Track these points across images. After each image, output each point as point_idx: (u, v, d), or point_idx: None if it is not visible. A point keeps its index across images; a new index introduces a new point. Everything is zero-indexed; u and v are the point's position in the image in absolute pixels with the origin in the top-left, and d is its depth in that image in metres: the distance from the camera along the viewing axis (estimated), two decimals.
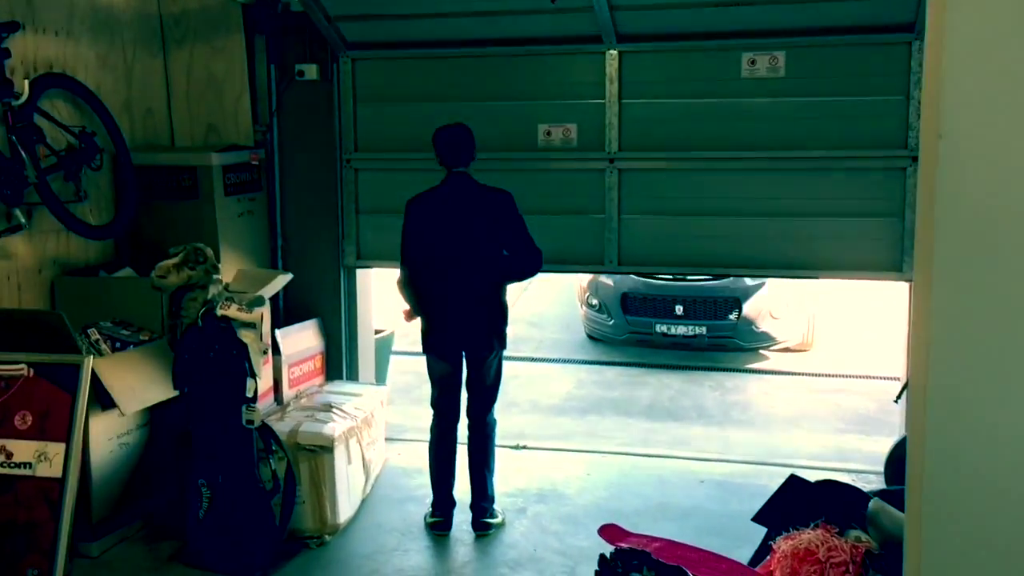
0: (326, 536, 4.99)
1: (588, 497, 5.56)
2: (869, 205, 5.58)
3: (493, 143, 5.83)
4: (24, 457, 4.46)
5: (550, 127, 5.91)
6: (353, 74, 6.11)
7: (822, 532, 3.69)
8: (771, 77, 5.55)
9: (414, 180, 5.57)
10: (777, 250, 5.73)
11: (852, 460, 6.16)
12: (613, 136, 5.81)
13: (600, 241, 5.94)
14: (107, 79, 5.73)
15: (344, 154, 6.20)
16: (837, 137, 5.55)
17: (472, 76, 6.00)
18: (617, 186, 5.86)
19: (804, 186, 5.64)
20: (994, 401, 1.72)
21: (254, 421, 4.66)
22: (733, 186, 5.73)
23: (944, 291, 1.68)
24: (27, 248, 5.19)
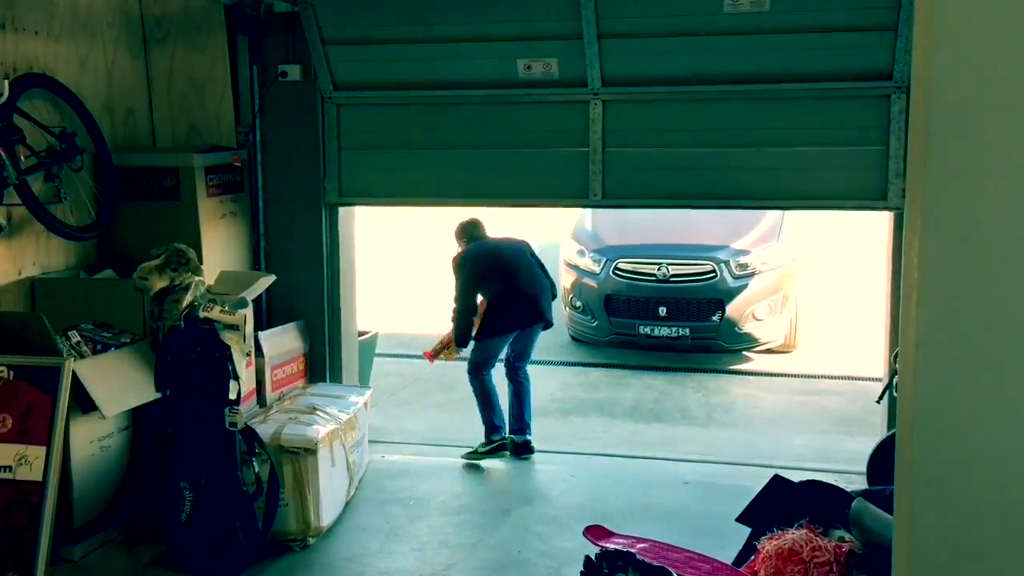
0: (310, 538, 4.97)
1: (572, 499, 5.56)
2: (853, 135, 5.56)
3: (471, 80, 5.86)
4: (4, 461, 4.42)
5: (530, 61, 5.81)
6: (316, 19, 5.92)
7: (806, 532, 3.70)
8: (755, 12, 5.45)
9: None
10: (762, 181, 5.71)
11: (835, 460, 6.19)
12: (595, 74, 5.72)
13: (585, 174, 5.88)
14: (88, 79, 5.69)
15: (324, 93, 6.09)
16: (821, 68, 5.51)
17: (443, 17, 5.85)
18: (601, 119, 5.80)
19: (788, 117, 5.62)
20: (982, 399, 1.73)
21: (237, 423, 4.63)
22: (717, 118, 5.69)
23: (932, 289, 1.69)
24: (6, 250, 5.14)
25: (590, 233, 9.36)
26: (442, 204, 6.55)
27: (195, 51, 6.12)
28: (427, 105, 6.04)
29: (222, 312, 4.68)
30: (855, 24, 5.40)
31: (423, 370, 8.67)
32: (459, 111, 6.01)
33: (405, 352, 9.20)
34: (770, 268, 8.82)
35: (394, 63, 6.00)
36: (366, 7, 5.92)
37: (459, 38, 5.86)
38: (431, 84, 5.98)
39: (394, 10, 5.88)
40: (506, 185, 6.04)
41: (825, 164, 5.61)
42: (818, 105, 5.58)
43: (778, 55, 5.53)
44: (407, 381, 8.33)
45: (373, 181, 6.20)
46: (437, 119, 6.05)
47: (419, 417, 7.38)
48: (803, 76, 5.53)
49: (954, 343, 1.73)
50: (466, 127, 6.02)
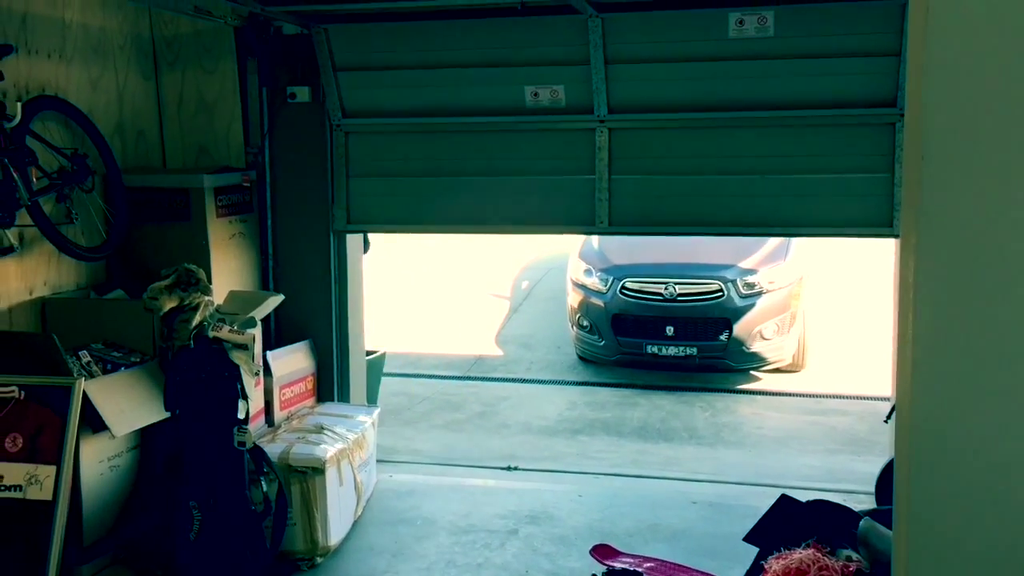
0: (317, 558, 4.98)
1: (580, 518, 5.56)
2: (859, 161, 5.57)
3: (479, 106, 5.90)
4: (15, 480, 4.44)
5: (537, 89, 5.85)
6: (329, 45, 5.99)
7: (813, 552, 3.70)
8: (760, 37, 5.49)
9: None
10: (768, 208, 5.72)
11: (843, 480, 6.17)
12: (602, 100, 5.77)
13: (591, 202, 5.91)
14: (99, 101, 5.75)
15: (332, 120, 6.16)
16: (826, 95, 5.53)
17: (452, 44, 5.91)
18: (607, 146, 5.84)
19: (794, 144, 5.63)
20: (978, 420, 1.74)
21: (246, 443, 4.65)
22: (723, 145, 5.71)
23: (927, 311, 1.71)
24: (18, 270, 5.18)
25: (597, 252, 9.38)
26: (450, 231, 6.59)
27: (205, 73, 6.19)
28: (434, 133, 6.09)
29: (231, 332, 4.70)
30: (859, 50, 5.43)
31: (430, 390, 8.70)
32: (467, 138, 6.04)
33: (413, 372, 9.23)
34: (777, 287, 8.83)
35: (403, 89, 6.05)
36: (377, 33, 5.98)
37: (468, 63, 5.92)
38: (439, 111, 6.03)
39: (404, 36, 5.94)
40: (513, 212, 6.07)
41: (831, 191, 5.62)
42: (824, 132, 5.60)
43: (783, 81, 5.56)
44: (414, 401, 8.35)
45: (381, 208, 6.23)
46: (445, 146, 6.09)
47: (426, 436, 7.39)
48: (808, 103, 5.56)
49: (950, 363, 1.75)
50: (474, 154, 6.05)
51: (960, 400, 1.76)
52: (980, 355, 1.75)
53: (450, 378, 9.17)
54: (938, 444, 1.76)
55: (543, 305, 11.84)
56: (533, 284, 12.87)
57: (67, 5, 5.45)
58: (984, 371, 1.75)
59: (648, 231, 6.30)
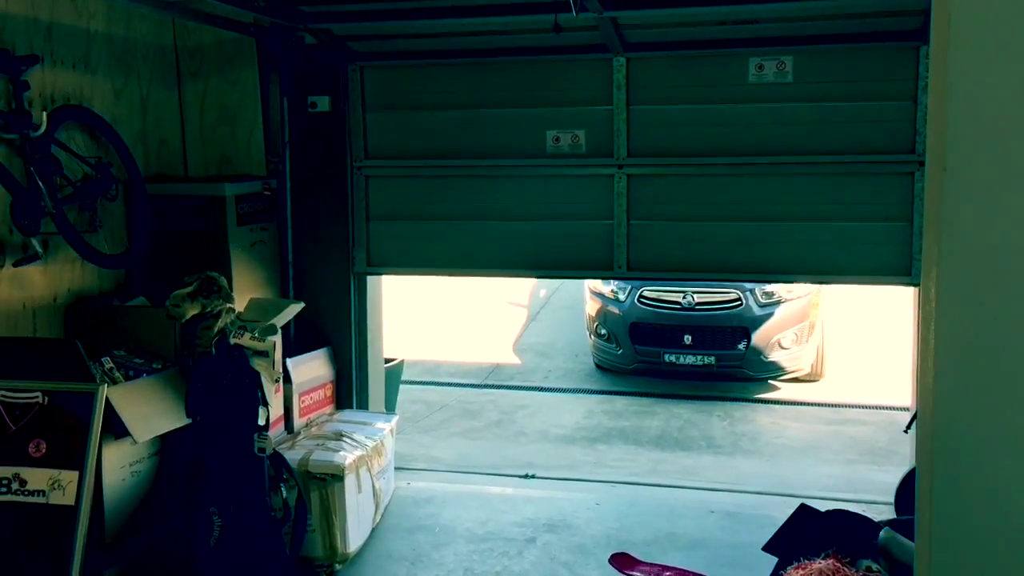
0: (336, 564, 5.00)
1: (598, 527, 5.55)
2: (877, 209, 5.60)
3: (501, 150, 5.96)
4: (38, 485, 4.48)
5: (559, 133, 5.95)
6: (362, 83, 6.14)
7: (833, 562, 3.69)
8: (779, 82, 5.57)
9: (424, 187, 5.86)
10: (786, 255, 5.75)
11: (862, 491, 6.15)
12: (622, 142, 5.84)
13: (609, 247, 5.96)
14: (123, 111, 5.81)
15: (355, 162, 6.26)
16: (845, 142, 5.56)
17: (479, 85, 6.03)
18: (626, 192, 5.89)
19: (813, 191, 5.66)
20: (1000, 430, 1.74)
21: (266, 449, 4.68)
22: (741, 191, 5.75)
23: (949, 320, 1.71)
24: (43, 277, 5.24)
25: None
26: (469, 275, 6.68)
27: (227, 83, 6.25)
28: (455, 177, 6.17)
29: (252, 339, 4.74)
30: (876, 94, 5.49)
31: (448, 397, 8.71)
32: (487, 183, 6.13)
33: (431, 379, 9.26)
34: (796, 296, 8.80)
35: (425, 132, 6.16)
36: (407, 73, 6.10)
37: (491, 105, 6.03)
38: (460, 154, 6.12)
39: (432, 76, 6.07)
40: (532, 257, 6.15)
41: (849, 239, 5.66)
42: (842, 179, 5.64)
43: (802, 128, 5.62)
44: (432, 408, 8.37)
45: (401, 251, 6.32)
46: (464, 190, 6.18)
47: (444, 444, 7.40)
48: (827, 150, 5.60)
49: (973, 373, 1.75)
50: (493, 198, 6.14)
51: (982, 410, 1.76)
52: (1002, 365, 1.75)
53: (468, 386, 9.19)
54: (960, 454, 1.77)
55: (561, 313, 11.85)
56: (551, 292, 12.88)
57: (92, 16, 5.51)
58: (1006, 381, 1.75)
59: (667, 276, 6.36)
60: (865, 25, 5.39)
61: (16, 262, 4.95)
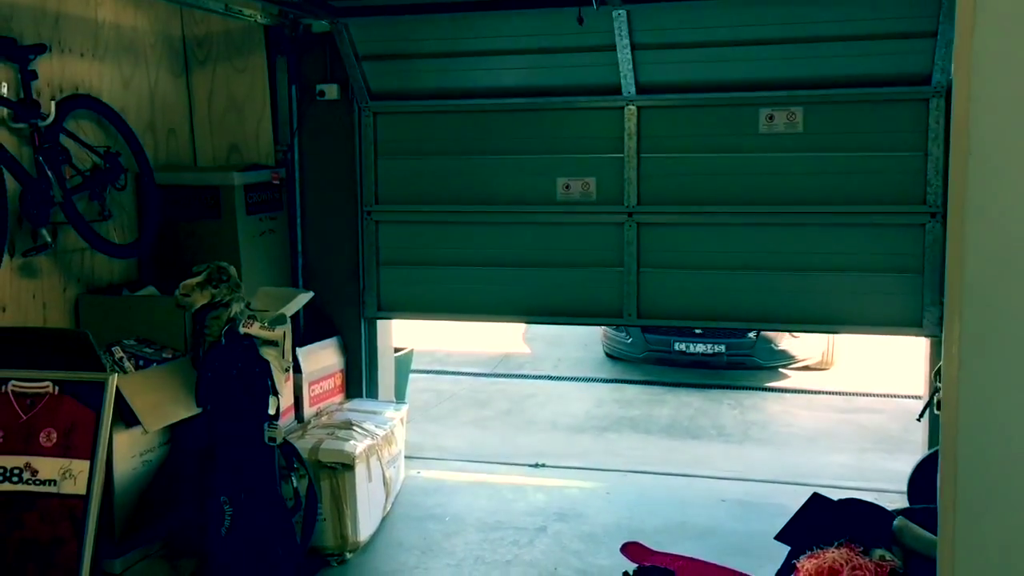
0: (347, 553, 5.00)
1: (608, 516, 5.54)
2: (888, 260, 5.62)
3: (512, 196, 6.03)
4: (49, 474, 4.48)
5: (569, 180, 5.99)
6: (375, 129, 6.23)
7: (846, 551, 3.67)
8: (789, 132, 5.61)
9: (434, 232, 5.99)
10: (795, 304, 5.78)
11: (874, 479, 6.13)
12: (632, 190, 5.88)
13: (619, 294, 6.00)
14: (131, 100, 5.80)
15: (365, 206, 6.32)
16: (855, 193, 5.60)
17: (490, 131, 6.11)
18: (636, 239, 5.92)
19: (822, 241, 5.70)
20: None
21: (276, 438, 4.67)
22: (751, 240, 5.80)
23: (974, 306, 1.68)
24: (52, 267, 5.24)
25: None
26: (478, 320, 6.68)
27: (235, 71, 6.23)
28: (465, 224, 6.21)
29: (261, 328, 4.73)
30: (887, 146, 5.51)
31: (458, 387, 8.71)
32: (496, 230, 6.16)
33: (440, 369, 9.26)
34: None
35: (434, 178, 6.20)
36: (416, 121, 6.18)
37: (503, 151, 6.07)
38: (469, 200, 6.16)
39: (442, 121, 6.14)
40: (542, 303, 6.17)
41: (859, 289, 5.67)
42: (853, 231, 5.65)
43: (812, 179, 5.63)
44: (442, 397, 8.37)
45: (410, 296, 6.35)
46: (475, 236, 6.21)
47: (454, 433, 7.40)
48: (838, 200, 5.62)
49: (997, 360, 1.73)
50: (502, 245, 6.17)
51: (1007, 398, 1.74)
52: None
53: (477, 375, 9.18)
54: (985, 441, 1.74)
55: None
56: None
57: (99, 5, 5.50)
58: None
59: (676, 324, 6.32)
60: (874, 64, 5.44)
61: (26, 252, 4.95)
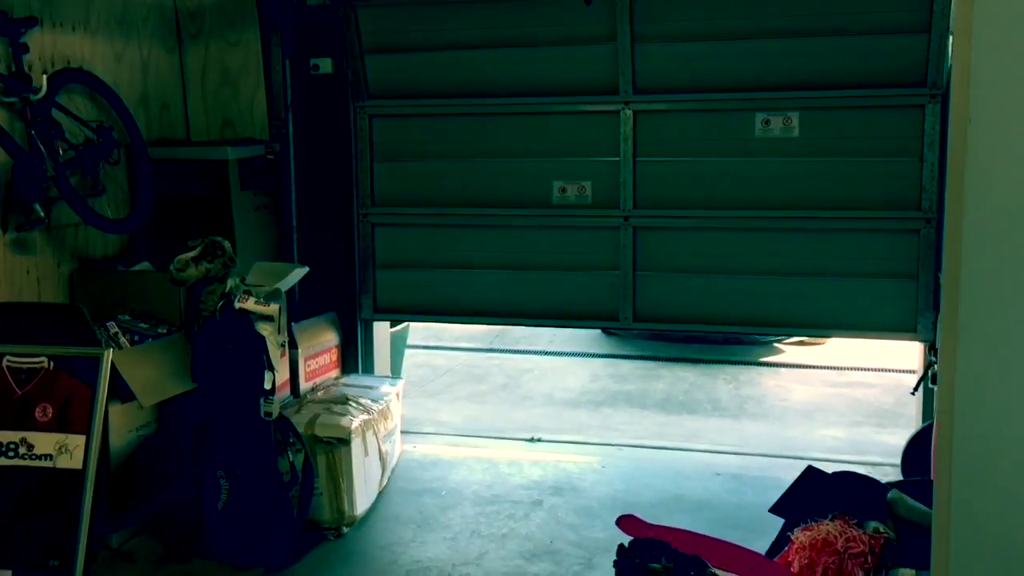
0: (344, 527, 5.02)
1: (603, 489, 5.57)
2: (883, 266, 5.61)
3: (508, 199, 6.02)
4: (45, 449, 4.49)
5: (565, 184, 5.97)
6: (371, 132, 6.21)
7: (840, 523, 3.69)
8: (785, 137, 5.59)
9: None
10: (790, 309, 5.78)
11: (868, 453, 6.15)
12: (628, 194, 5.86)
13: (615, 297, 6.00)
14: (123, 74, 5.76)
15: (361, 209, 6.29)
16: (850, 198, 5.59)
17: (486, 134, 6.09)
18: (632, 243, 5.91)
19: (817, 246, 5.69)
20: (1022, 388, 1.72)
21: (272, 413, 4.68)
22: (747, 245, 5.78)
23: (973, 279, 1.68)
24: (46, 242, 5.22)
25: None
26: (473, 323, 6.65)
27: (228, 45, 6.18)
28: (461, 226, 6.19)
29: (257, 303, 4.72)
30: (883, 152, 5.49)
31: (454, 362, 8.72)
32: (492, 233, 6.14)
33: (436, 344, 9.26)
34: None
35: (432, 181, 6.18)
36: (413, 124, 6.15)
37: (498, 154, 6.05)
38: (467, 202, 6.14)
39: (437, 128, 6.11)
40: (537, 306, 6.15)
41: (854, 294, 5.66)
42: (849, 236, 5.63)
43: (808, 183, 5.62)
44: (438, 373, 8.38)
45: (406, 297, 6.33)
46: (470, 238, 6.20)
47: (450, 408, 7.42)
48: (833, 205, 5.60)
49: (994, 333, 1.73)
50: (498, 248, 6.15)
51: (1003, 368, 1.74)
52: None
53: (473, 350, 9.19)
54: (982, 413, 1.75)
55: None
56: None
57: None
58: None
59: (671, 327, 6.33)
60: (870, 66, 5.44)
61: (19, 227, 4.93)
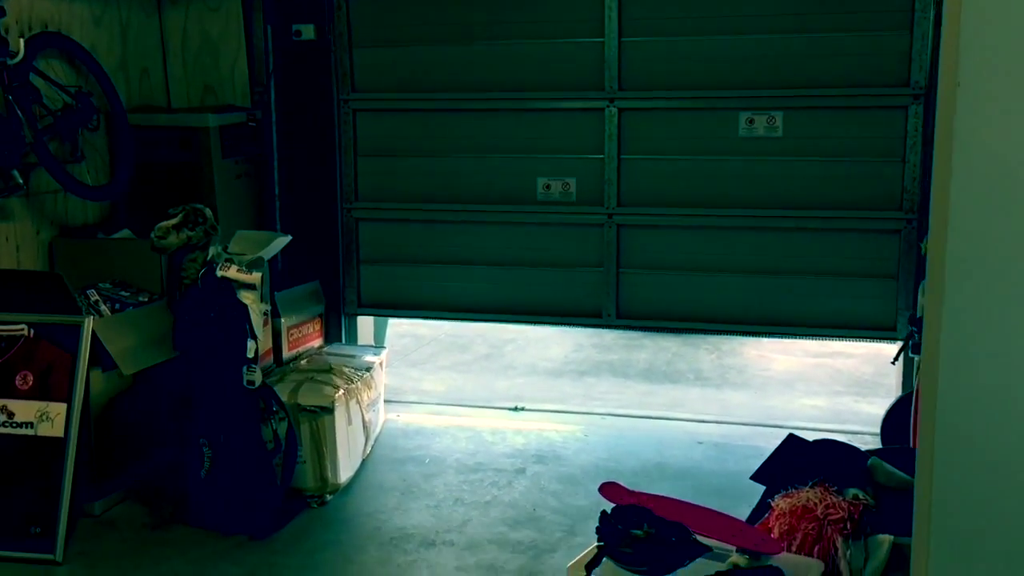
0: (327, 495, 5.03)
1: (586, 458, 5.60)
2: (864, 265, 5.65)
3: (492, 195, 6.03)
4: (26, 417, 4.48)
5: (549, 180, 5.97)
6: (354, 127, 6.19)
7: (820, 490, 3.73)
8: (769, 137, 5.62)
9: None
10: (772, 308, 5.82)
11: (848, 422, 6.20)
12: (612, 191, 5.87)
13: (598, 295, 6.03)
14: (102, 39, 5.68)
15: (345, 203, 6.30)
16: (833, 197, 5.62)
17: (471, 130, 6.08)
18: (616, 241, 5.93)
19: (799, 245, 5.72)
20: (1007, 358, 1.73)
21: (255, 381, 4.67)
22: (730, 243, 5.81)
23: (959, 245, 1.69)
24: (24, 209, 5.17)
25: None
26: (457, 319, 6.67)
27: (209, 10, 6.11)
28: (445, 223, 6.18)
29: (239, 271, 4.70)
30: (866, 151, 5.52)
31: (438, 331, 8.71)
32: (477, 228, 6.15)
33: None
34: None
35: (416, 177, 6.17)
36: (397, 120, 6.14)
37: (483, 151, 6.05)
38: (450, 199, 6.14)
39: (421, 124, 6.11)
40: (520, 302, 6.16)
41: (835, 294, 5.70)
42: (831, 236, 5.66)
43: (792, 182, 5.64)
44: (421, 342, 8.37)
45: (391, 292, 6.34)
46: (454, 235, 6.19)
47: (433, 377, 7.42)
48: (816, 205, 5.63)
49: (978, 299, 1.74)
50: (483, 243, 6.14)
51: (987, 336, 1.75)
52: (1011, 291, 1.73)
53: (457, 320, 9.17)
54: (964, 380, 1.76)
55: None
56: None
57: None
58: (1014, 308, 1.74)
59: (655, 326, 6.31)
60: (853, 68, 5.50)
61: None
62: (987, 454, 1.81)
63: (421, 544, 4.58)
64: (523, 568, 4.35)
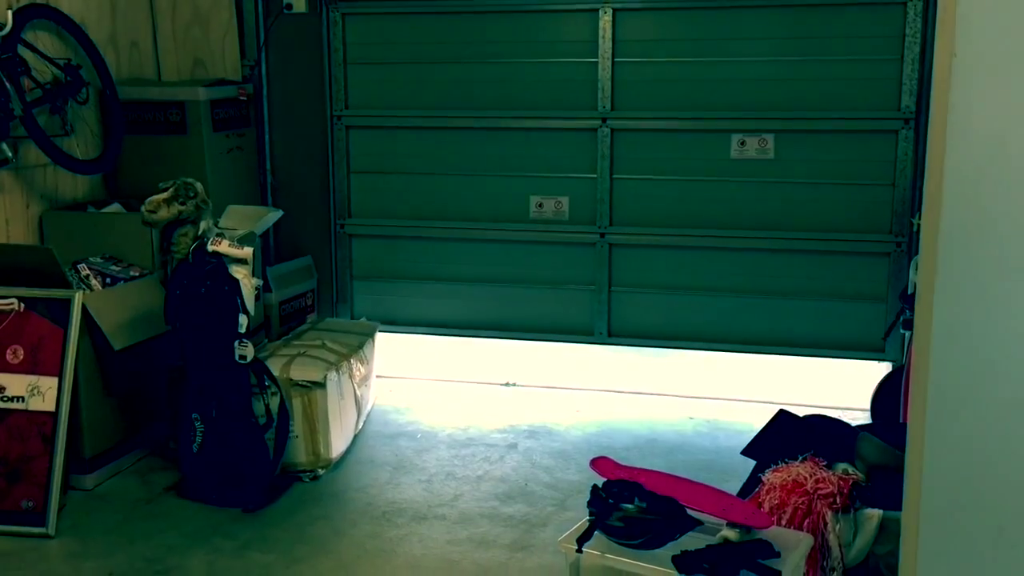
0: (319, 470, 5.04)
1: (577, 433, 5.62)
2: (853, 287, 5.71)
3: (484, 213, 6.11)
4: (17, 391, 4.47)
5: (542, 199, 6.02)
6: (347, 143, 6.22)
7: (811, 464, 3.74)
8: (760, 159, 5.65)
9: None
10: (762, 329, 5.90)
11: (839, 397, 6.22)
12: (604, 211, 5.92)
13: (590, 314, 6.08)
14: (92, 11, 5.63)
15: (338, 219, 6.35)
16: (824, 220, 5.67)
17: (464, 149, 6.10)
18: (607, 260, 5.96)
19: (790, 267, 5.78)
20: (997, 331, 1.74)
21: (247, 356, 4.66)
22: (721, 264, 5.86)
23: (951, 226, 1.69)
24: (14, 183, 5.14)
25: None
26: (447, 335, 6.67)
27: None
28: (437, 240, 6.21)
29: (230, 246, 4.68)
30: (856, 176, 5.58)
31: None
32: (470, 246, 6.19)
33: None
34: None
35: (409, 193, 6.20)
36: (391, 137, 6.15)
37: (475, 169, 6.08)
38: (443, 217, 6.17)
39: (414, 141, 6.13)
40: (513, 320, 6.23)
41: (825, 316, 5.77)
42: (820, 258, 5.72)
43: (782, 205, 5.70)
44: None
45: (384, 308, 6.38)
46: (446, 252, 6.23)
47: (426, 352, 7.41)
48: (806, 227, 5.69)
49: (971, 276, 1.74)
50: (475, 261, 6.18)
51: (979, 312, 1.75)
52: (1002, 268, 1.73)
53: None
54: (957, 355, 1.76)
55: None
56: None
57: None
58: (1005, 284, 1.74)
59: (647, 344, 6.33)
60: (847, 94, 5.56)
61: None
62: (977, 429, 1.82)
63: (413, 518, 4.60)
64: (515, 542, 4.37)
